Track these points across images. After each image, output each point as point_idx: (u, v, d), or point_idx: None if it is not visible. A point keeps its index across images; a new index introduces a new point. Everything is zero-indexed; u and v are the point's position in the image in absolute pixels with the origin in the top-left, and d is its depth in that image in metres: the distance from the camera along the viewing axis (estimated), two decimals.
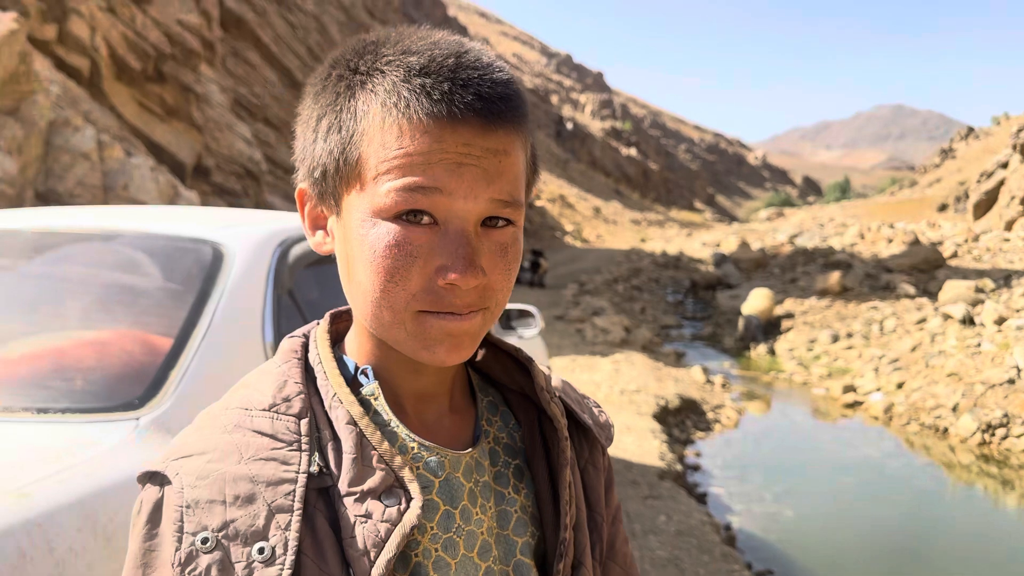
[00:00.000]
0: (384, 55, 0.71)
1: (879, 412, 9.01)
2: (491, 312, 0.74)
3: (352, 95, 0.71)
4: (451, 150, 0.67)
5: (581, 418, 0.88)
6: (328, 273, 2.62)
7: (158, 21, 13.40)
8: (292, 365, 0.77)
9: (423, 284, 0.70)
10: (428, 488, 0.75)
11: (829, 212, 38.97)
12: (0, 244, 2.24)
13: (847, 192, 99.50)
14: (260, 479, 0.69)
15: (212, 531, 0.67)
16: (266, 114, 20.03)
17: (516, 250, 0.74)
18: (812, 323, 13.50)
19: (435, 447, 0.76)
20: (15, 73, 7.84)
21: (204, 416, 0.76)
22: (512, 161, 0.71)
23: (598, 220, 51.32)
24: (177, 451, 0.72)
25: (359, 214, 0.71)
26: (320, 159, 0.73)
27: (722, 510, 6.07)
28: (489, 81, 0.69)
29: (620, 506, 0.96)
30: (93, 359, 1.82)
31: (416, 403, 0.80)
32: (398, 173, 0.68)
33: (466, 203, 0.69)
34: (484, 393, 0.86)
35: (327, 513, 0.71)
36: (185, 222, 2.37)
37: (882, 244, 21.98)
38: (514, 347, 0.86)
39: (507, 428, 0.85)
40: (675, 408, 8.27)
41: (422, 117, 0.67)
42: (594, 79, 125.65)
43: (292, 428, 0.72)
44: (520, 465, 0.84)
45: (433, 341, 0.71)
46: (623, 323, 13.26)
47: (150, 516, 0.70)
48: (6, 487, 1.38)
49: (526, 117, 0.73)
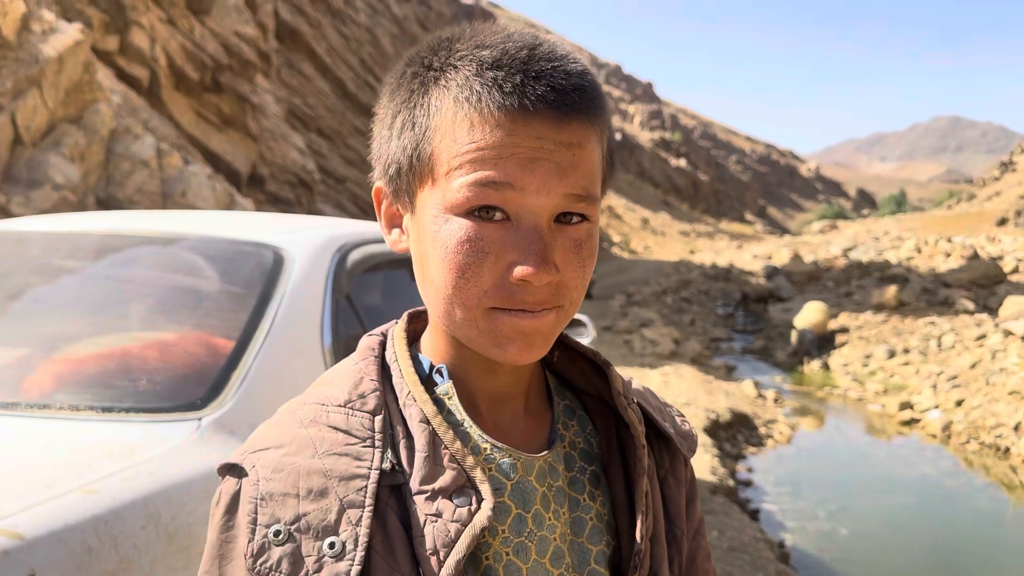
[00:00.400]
0: (458, 50, 0.70)
1: (937, 430, 8.77)
2: (565, 311, 0.72)
3: (425, 91, 0.71)
4: (523, 144, 0.66)
5: (662, 427, 0.85)
6: (385, 278, 2.63)
7: (216, 32, 13.69)
8: (369, 363, 0.77)
9: (495, 280, 0.68)
10: (500, 490, 0.74)
11: (884, 225, 38.20)
12: (68, 246, 2.29)
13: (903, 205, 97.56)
14: (333, 474, 0.69)
15: (285, 524, 0.67)
16: (319, 125, 20.32)
17: (591, 246, 0.72)
18: (867, 338, 13.22)
19: (508, 449, 0.75)
20: (79, 82, 8.06)
21: (283, 410, 0.76)
22: (586, 154, 0.69)
23: (646, 231, 51.03)
24: (255, 444, 0.73)
25: (432, 210, 0.70)
26: (395, 156, 0.73)
27: (775, 527, 5.96)
28: (563, 73, 0.68)
29: (703, 520, 0.92)
30: (157, 360, 1.85)
31: (490, 404, 0.78)
32: (470, 168, 0.67)
33: (538, 198, 0.67)
34: (561, 397, 0.84)
35: (399, 511, 0.70)
36: (246, 227, 2.40)
37: (940, 258, 21.46)
38: (592, 350, 0.84)
39: (584, 433, 0.83)
40: (726, 422, 8.15)
41: (494, 111, 0.66)
42: (644, 89, 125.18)
43: (366, 424, 0.72)
44: (596, 471, 0.82)
45: (504, 339, 0.70)
46: (672, 335, 13.14)
47: (228, 507, 0.71)
48: (73, 483, 1.40)
49: (602, 109, 0.71)
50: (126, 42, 11.63)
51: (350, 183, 20.29)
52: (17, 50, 7.34)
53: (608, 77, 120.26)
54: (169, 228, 2.34)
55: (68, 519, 1.31)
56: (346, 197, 19.78)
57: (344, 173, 20.34)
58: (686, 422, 0.91)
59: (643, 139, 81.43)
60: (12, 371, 1.84)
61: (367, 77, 23.47)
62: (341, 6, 23.05)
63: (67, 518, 1.31)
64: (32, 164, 7.26)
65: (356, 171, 20.86)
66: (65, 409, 1.67)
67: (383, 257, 2.47)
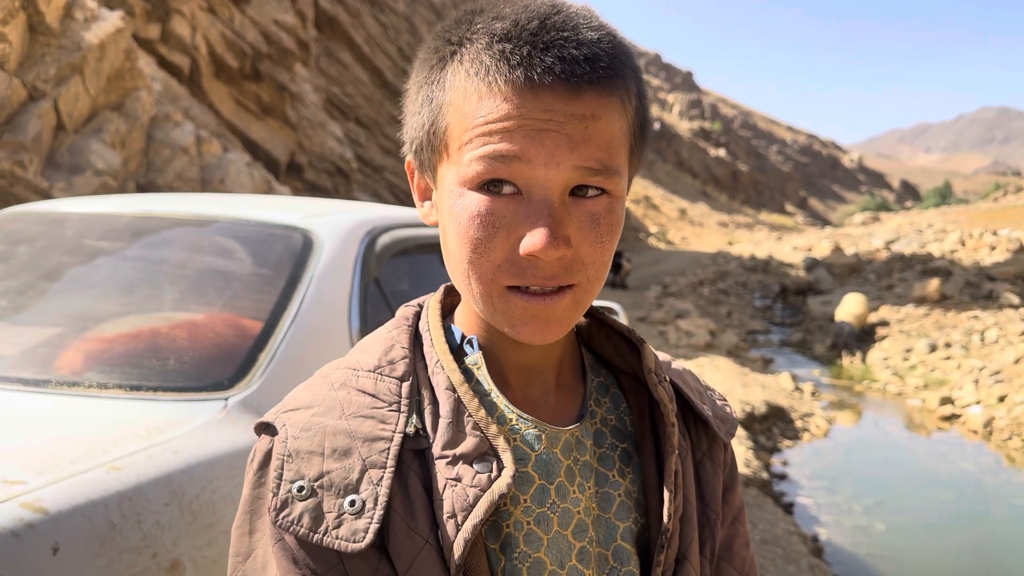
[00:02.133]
0: (476, 23, 0.70)
1: (978, 426, 8.59)
2: (582, 289, 0.71)
3: (443, 66, 0.71)
4: (531, 116, 0.65)
5: (700, 408, 0.85)
6: (414, 263, 2.62)
7: (255, 21, 13.80)
8: (402, 331, 0.79)
9: (506, 255, 0.68)
10: (524, 460, 0.74)
11: (928, 217, 37.49)
12: (101, 227, 2.31)
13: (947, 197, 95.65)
14: (358, 435, 0.71)
15: (308, 480, 0.69)
16: (357, 114, 20.42)
17: (611, 221, 0.70)
18: (908, 332, 12.99)
19: (534, 420, 0.75)
20: (120, 70, 8.17)
21: (318, 374, 0.78)
22: (603, 126, 0.67)
23: (684, 222, 50.63)
24: (288, 404, 0.75)
25: (448, 184, 0.70)
26: (417, 132, 0.74)
27: (809, 521, 5.88)
28: (574, 42, 0.66)
29: (744, 507, 0.91)
30: (186, 340, 1.86)
31: (520, 376, 0.79)
32: (479, 142, 0.66)
33: (547, 170, 0.66)
34: (595, 373, 0.84)
35: (421, 474, 0.71)
36: (277, 210, 2.41)
37: (984, 251, 20.99)
38: (627, 327, 0.83)
39: (617, 411, 0.82)
40: (762, 415, 8.06)
41: (501, 84, 0.66)
42: (683, 79, 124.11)
43: (393, 389, 0.74)
44: (628, 449, 0.81)
45: (518, 320, 0.70)
46: (708, 327, 13.02)
47: (260, 464, 0.73)
48: (99, 460, 1.41)
49: (623, 78, 0.69)
50: (167, 30, 11.77)
51: (387, 172, 20.38)
52: (60, 37, 7.45)
53: (647, 66, 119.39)
54: (200, 210, 2.35)
55: (92, 495, 1.32)
56: (383, 186, 19.88)
57: (381, 162, 20.43)
58: (727, 405, 0.90)
59: (682, 129, 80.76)
60: (44, 349, 1.87)
61: (404, 66, 23.52)
62: None
63: (91, 494, 1.32)
64: (74, 150, 7.38)
65: (393, 160, 20.95)
66: (94, 387, 1.69)
67: (412, 241, 2.47)
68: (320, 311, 1.99)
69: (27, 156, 6.79)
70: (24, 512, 1.22)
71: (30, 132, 6.86)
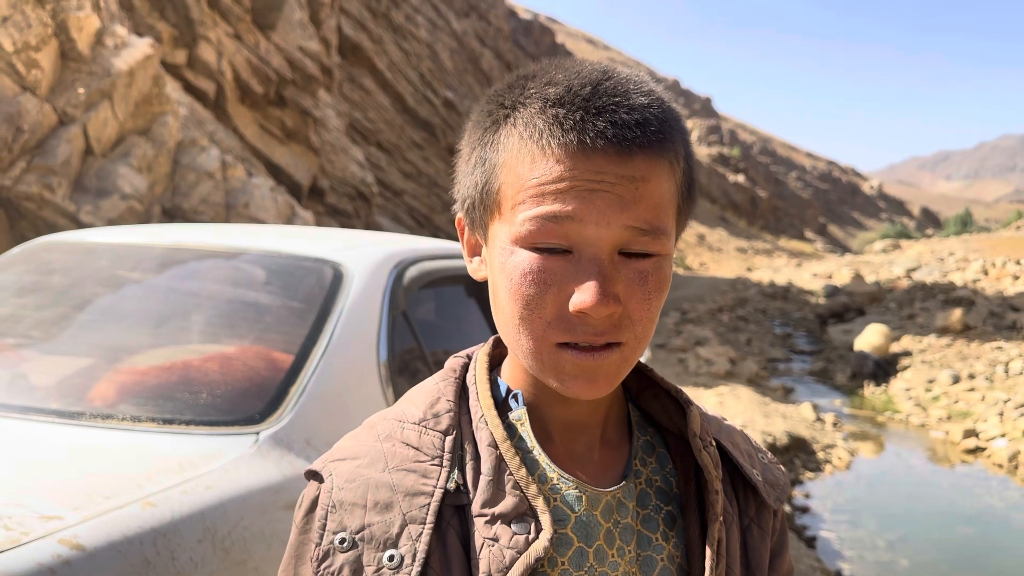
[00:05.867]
0: (529, 88, 0.71)
1: (1003, 460, 8.46)
2: (630, 347, 0.71)
3: (496, 129, 0.72)
4: (582, 178, 0.67)
5: (749, 474, 0.83)
6: (440, 294, 2.63)
7: (280, 47, 13.98)
8: (448, 383, 0.80)
9: (557, 312, 0.69)
10: (563, 522, 0.73)
11: (949, 246, 37.16)
12: (134, 258, 2.34)
13: (969, 225, 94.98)
14: (400, 488, 0.71)
15: (350, 532, 0.70)
16: (378, 138, 20.58)
17: (659, 279, 0.71)
18: (931, 362, 12.85)
19: (575, 481, 0.75)
20: (148, 95, 8.29)
21: (367, 423, 0.80)
22: (652, 188, 0.68)
23: (702, 247, 50.50)
24: (336, 453, 0.76)
25: (500, 242, 0.71)
26: (469, 191, 0.75)
27: (832, 555, 5.80)
28: (626, 108, 0.68)
29: (792, 572, 0.90)
30: (218, 373, 1.87)
31: (565, 432, 0.78)
32: (532, 203, 0.68)
33: (598, 229, 0.67)
34: (642, 432, 0.83)
35: (460, 531, 0.72)
36: (307, 242, 2.43)
37: (1008, 281, 20.77)
38: (675, 387, 0.83)
39: (663, 471, 0.82)
40: (783, 446, 7.98)
41: (554, 147, 0.67)
42: (702, 104, 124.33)
43: (437, 443, 0.74)
44: (672, 512, 0.80)
45: (567, 376, 0.70)
46: (728, 354, 12.94)
47: (307, 510, 0.74)
48: (134, 495, 1.42)
49: (672, 141, 0.70)
50: (194, 56, 11.94)
51: (407, 196, 20.49)
52: (91, 64, 7.58)
53: (665, 92, 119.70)
54: (232, 242, 2.38)
55: (127, 531, 1.33)
56: (403, 210, 19.98)
57: (402, 186, 20.55)
58: (779, 468, 0.89)
59: (701, 154, 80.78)
60: (78, 380, 1.89)
61: (426, 92, 23.72)
62: (402, 21, 23.36)
63: (126, 530, 1.33)
64: (102, 174, 7.48)
65: (413, 184, 21.07)
66: (127, 420, 1.70)
67: (439, 274, 2.48)
68: (349, 344, 2.00)
69: (56, 180, 6.89)
70: (62, 549, 1.24)
71: (59, 156, 6.97)
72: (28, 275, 2.32)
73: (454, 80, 26.34)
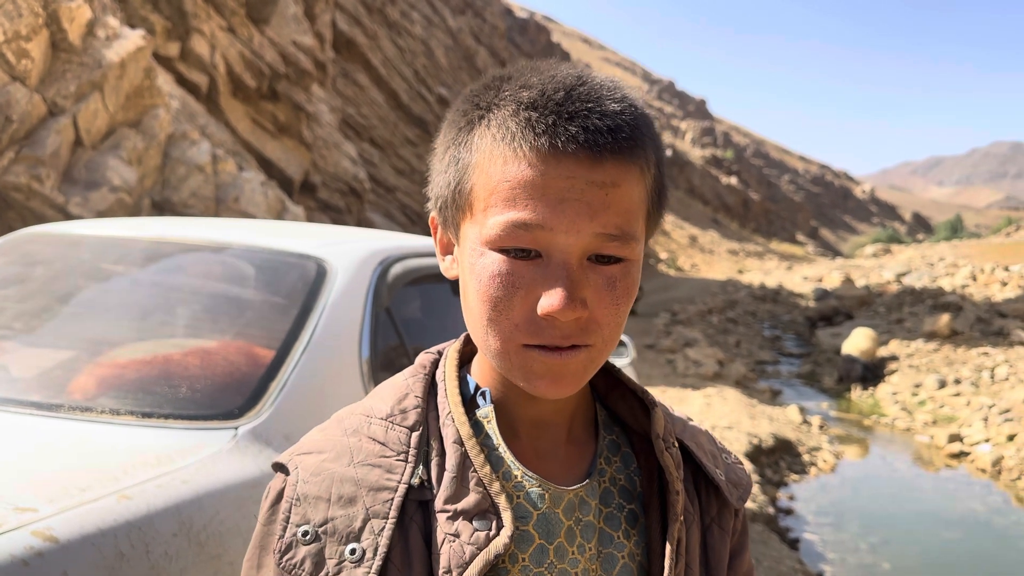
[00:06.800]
0: (504, 90, 0.72)
1: (987, 465, 8.51)
2: (597, 349, 0.72)
3: (471, 129, 0.73)
4: (553, 184, 0.67)
5: (712, 473, 0.85)
6: (424, 291, 2.64)
7: (274, 42, 13.94)
8: (418, 380, 0.81)
9: (525, 315, 0.70)
10: (525, 519, 0.75)
11: (939, 251, 37.32)
12: (117, 251, 2.34)
13: (959, 231, 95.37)
14: (364, 483, 0.72)
15: (313, 525, 0.71)
16: (371, 134, 20.55)
17: (627, 284, 0.72)
18: (918, 367, 12.92)
19: (538, 479, 0.76)
20: (139, 88, 8.26)
21: (334, 417, 0.80)
22: (622, 193, 0.69)
23: (694, 249, 50.59)
24: (302, 447, 0.77)
25: (471, 243, 0.72)
26: (442, 190, 0.76)
27: (815, 558, 5.83)
28: (598, 113, 0.68)
29: (752, 571, 0.91)
30: (198, 367, 1.87)
31: (531, 429, 0.80)
32: (503, 207, 0.68)
33: (567, 237, 0.68)
34: (608, 431, 0.85)
35: (423, 526, 0.73)
36: (291, 238, 2.43)
37: (996, 287, 20.89)
38: (641, 388, 0.84)
39: (627, 470, 0.83)
40: (769, 448, 8.01)
41: (526, 150, 0.68)
42: (696, 106, 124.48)
43: (403, 439, 0.75)
44: (635, 511, 0.81)
45: (534, 375, 0.71)
46: (716, 356, 12.98)
47: (273, 501, 0.76)
48: (109, 488, 1.42)
49: (643, 147, 0.71)
50: (187, 48, 11.90)
51: (400, 192, 20.47)
52: (82, 55, 7.55)
53: (660, 93, 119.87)
54: (216, 236, 2.38)
55: (102, 524, 1.33)
56: (395, 206, 19.96)
57: (394, 183, 20.53)
58: (741, 467, 0.90)
59: (694, 156, 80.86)
60: (58, 373, 1.89)
61: (420, 88, 23.69)
62: (398, 18, 23.33)
63: (101, 523, 1.33)
64: (91, 166, 7.46)
65: (406, 181, 21.05)
66: (106, 413, 1.70)
67: (423, 271, 2.49)
68: (331, 341, 2.01)
69: (44, 171, 6.86)
70: (35, 540, 1.24)
71: (48, 147, 6.94)
72: (11, 267, 2.32)
73: (448, 77, 26.31)
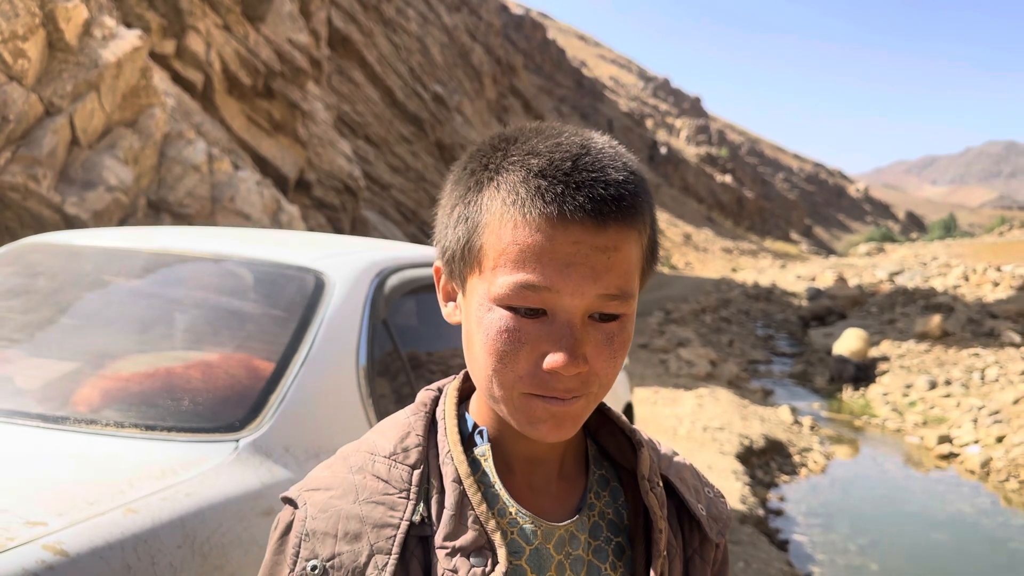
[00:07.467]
0: (512, 154, 0.76)
1: (976, 466, 8.60)
2: (594, 395, 0.78)
3: (480, 189, 0.77)
4: (560, 249, 0.72)
5: (694, 509, 0.90)
6: (420, 301, 2.68)
7: (269, 39, 13.94)
8: (419, 417, 0.85)
9: (529, 368, 0.75)
10: (519, 554, 0.80)
11: (933, 250, 37.47)
12: (119, 263, 2.38)
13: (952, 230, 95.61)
14: (368, 520, 0.77)
15: (321, 560, 0.76)
16: (367, 132, 20.56)
17: (623, 338, 0.77)
18: (909, 367, 13.00)
19: (531, 516, 0.81)
20: (135, 87, 8.28)
21: (340, 453, 0.85)
22: (622, 256, 0.75)
23: (688, 247, 50.66)
24: (310, 483, 0.82)
25: (478, 297, 0.77)
26: (451, 244, 0.80)
27: (804, 559, 5.90)
28: (603, 183, 0.73)
29: None
30: (200, 380, 1.92)
31: (526, 465, 0.85)
32: (512, 268, 0.73)
33: (572, 299, 0.73)
34: (598, 466, 0.90)
35: (423, 561, 0.77)
36: (291, 249, 2.47)
37: (987, 287, 21.00)
38: (630, 427, 0.89)
39: (615, 504, 0.88)
40: (760, 449, 8.08)
41: (535, 217, 0.73)
42: (691, 104, 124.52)
43: (405, 477, 0.80)
44: (623, 544, 0.87)
45: (537, 420, 0.77)
46: (709, 356, 13.04)
47: (282, 533, 0.80)
48: (116, 502, 1.47)
49: (641, 212, 0.77)
50: (182, 46, 11.90)
51: (395, 190, 20.48)
52: (78, 54, 7.56)
53: (656, 90, 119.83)
54: (217, 248, 2.42)
55: (109, 537, 1.38)
56: (390, 204, 19.98)
57: (389, 180, 20.54)
58: (723, 501, 0.96)
59: (689, 154, 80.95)
60: (62, 385, 1.93)
61: (415, 86, 23.69)
62: (393, 15, 23.32)
63: (108, 536, 1.38)
64: (87, 165, 7.48)
65: (401, 178, 21.06)
66: (111, 425, 1.75)
67: (421, 282, 2.53)
68: (330, 353, 2.05)
69: (41, 171, 6.88)
70: (46, 554, 1.28)
71: (45, 147, 6.96)
72: (13, 277, 2.36)
73: (444, 75, 26.31)
